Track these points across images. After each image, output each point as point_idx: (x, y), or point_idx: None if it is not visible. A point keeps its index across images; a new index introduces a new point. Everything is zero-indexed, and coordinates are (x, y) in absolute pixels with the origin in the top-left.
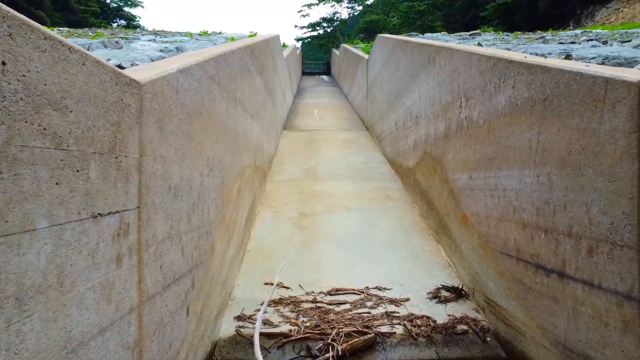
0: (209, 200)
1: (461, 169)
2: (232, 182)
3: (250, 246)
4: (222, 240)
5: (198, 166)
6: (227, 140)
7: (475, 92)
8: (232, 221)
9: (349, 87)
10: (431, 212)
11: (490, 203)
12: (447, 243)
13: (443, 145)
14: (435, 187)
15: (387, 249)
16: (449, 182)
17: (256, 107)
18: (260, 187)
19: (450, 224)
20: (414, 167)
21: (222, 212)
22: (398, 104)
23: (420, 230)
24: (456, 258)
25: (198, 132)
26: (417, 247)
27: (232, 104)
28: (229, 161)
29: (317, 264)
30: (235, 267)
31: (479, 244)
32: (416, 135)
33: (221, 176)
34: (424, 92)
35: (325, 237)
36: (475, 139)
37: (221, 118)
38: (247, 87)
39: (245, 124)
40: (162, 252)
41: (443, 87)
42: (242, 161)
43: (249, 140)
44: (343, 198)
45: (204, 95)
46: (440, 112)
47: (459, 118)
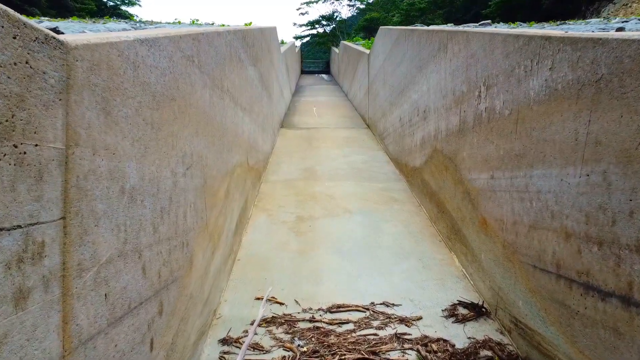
0: (185, 205)
1: (480, 167)
2: (218, 183)
3: (241, 254)
4: (205, 251)
5: (169, 163)
6: (212, 134)
7: (499, 78)
8: (218, 227)
9: (349, 84)
10: (442, 215)
11: (519, 207)
12: (461, 251)
13: (457, 142)
14: (447, 188)
15: (394, 257)
16: (464, 183)
17: (249, 100)
18: (253, 188)
19: (465, 229)
20: (422, 166)
21: (204, 217)
22: (403, 99)
23: (430, 236)
24: (473, 269)
25: (170, 121)
26: (428, 255)
27: (218, 94)
28: (214, 158)
29: (315, 276)
30: (222, 279)
31: (504, 254)
32: (424, 131)
33: (203, 175)
34: (433, 83)
35: (324, 244)
36: (499, 133)
37: (203, 108)
38: (237, 77)
39: (235, 117)
40: (109, 275)
41: (457, 77)
42: (231, 159)
43: (240, 136)
44: (344, 200)
45: (179, 77)
46: (453, 105)
47: (476, 110)
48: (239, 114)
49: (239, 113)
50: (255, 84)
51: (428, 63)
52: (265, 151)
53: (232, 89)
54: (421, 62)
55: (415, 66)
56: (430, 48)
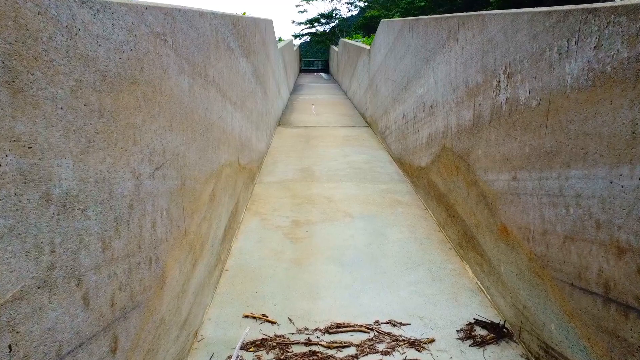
0: (153, 212)
1: (499, 167)
2: (200, 185)
3: (230, 264)
4: (182, 264)
5: (129, 161)
6: (192, 129)
7: (524, 64)
8: (201, 236)
9: (348, 82)
10: (452, 220)
11: (551, 214)
12: (475, 261)
13: (470, 138)
14: (458, 191)
15: (400, 268)
16: (478, 184)
17: (240, 94)
18: (246, 190)
19: (481, 237)
20: (428, 166)
21: (182, 225)
22: (406, 94)
23: (439, 243)
24: (491, 282)
25: (130, 109)
26: (437, 265)
27: (201, 83)
28: (196, 157)
29: (312, 289)
30: (205, 294)
31: (530, 268)
32: (431, 128)
33: (180, 177)
34: (442, 75)
35: (322, 253)
36: (524, 127)
37: (180, 98)
38: (226, 68)
39: (223, 112)
40: (18, 318)
41: (471, 66)
42: (218, 158)
43: (229, 132)
44: (344, 203)
45: (144, 57)
46: (465, 98)
47: (495, 102)
48: (227, 108)
49: (227, 107)
50: (248, 78)
51: (436, 54)
52: (259, 150)
53: (220, 80)
54: (427, 54)
55: (421, 58)
56: (438, 37)
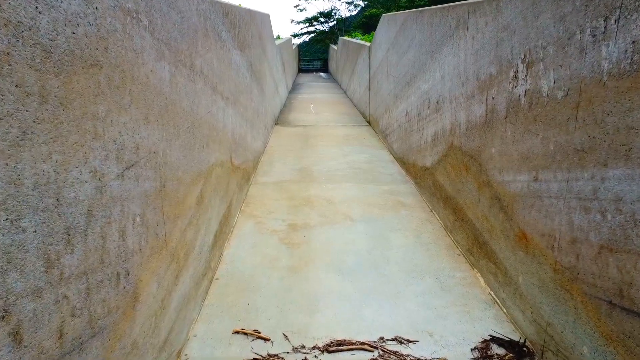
0: (123, 219)
1: (516, 167)
2: (185, 187)
3: (221, 272)
4: (162, 277)
5: (88, 159)
6: (175, 123)
7: (547, 50)
8: (186, 243)
9: (348, 81)
10: (461, 224)
11: (582, 220)
12: (488, 269)
13: (482, 136)
14: (467, 192)
15: (405, 276)
16: (492, 186)
17: (233, 89)
18: (240, 192)
19: (494, 243)
20: (434, 166)
21: (161, 232)
22: (410, 91)
23: (447, 248)
24: (507, 293)
25: (89, 97)
26: (446, 273)
27: (186, 73)
28: (179, 155)
29: (310, 301)
30: (191, 308)
31: (556, 280)
32: (437, 125)
33: (159, 177)
34: (449, 68)
35: (321, 260)
36: (547, 122)
37: (159, 87)
38: (216, 59)
39: (213, 107)
40: None
41: (482, 57)
42: (207, 157)
43: (221, 129)
44: (344, 205)
45: (109, 36)
46: (476, 92)
47: (511, 95)
48: (218, 103)
49: (219, 102)
50: (243, 73)
51: (442, 46)
52: (255, 149)
53: (209, 72)
54: (433, 46)
55: (426, 52)
56: (445, 28)
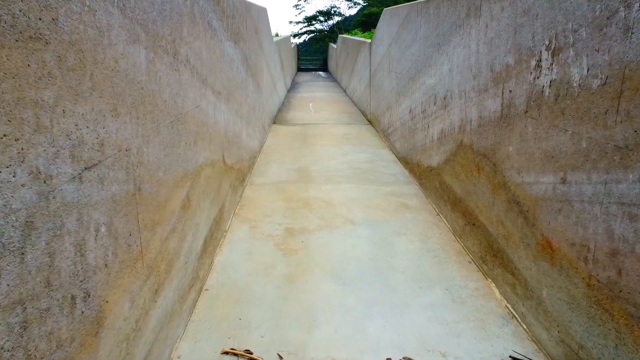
0: (81, 229)
1: (539, 166)
2: (167, 189)
3: (212, 282)
4: (137, 294)
5: (26, 157)
6: (154, 117)
7: (580, 34)
8: (168, 253)
9: (347, 79)
10: (472, 229)
11: (625, 229)
12: (505, 280)
13: (497, 133)
14: (479, 195)
15: (412, 286)
16: (509, 188)
17: (226, 84)
18: (234, 193)
19: (512, 252)
20: (441, 166)
21: (135, 243)
22: (414, 87)
23: (456, 255)
24: (528, 308)
25: (27, 78)
26: (457, 283)
27: (168, 62)
28: (160, 154)
29: (308, 314)
30: (175, 325)
31: (590, 297)
32: (443, 122)
33: (133, 179)
34: (458, 61)
35: (320, 267)
36: (579, 115)
37: (132, 75)
38: (206, 49)
39: (202, 101)
40: None
41: (498, 46)
42: (195, 156)
43: (211, 126)
44: (345, 207)
45: (58, 4)
46: (490, 84)
47: (533, 86)
48: (209, 97)
49: (209, 97)
50: (237, 67)
51: (451, 37)
52: (251, 149)
53: (197, 63)
54: (440, 38)
55: (432, 44)
56: (453, 18)
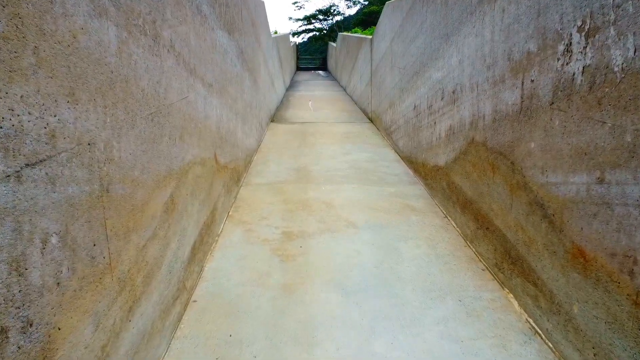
0: (21, 242)
1: (569, 165)
2: (146, 190)
3: (200, 292)
4: (103, 315)
5: None
6: (128, 107)
7: (625, 9)
8: (146, 263)
9: (347, 77)
10: (485, 234)
11: None
12: (525, 291)
13: (515, 128)
14: (494, 196)
15: (422, 297)
16: (530, 189)
17: (219, 76)
18: (227, 194)
19: (534, 260)
20: (449, 165)
21: (101, 254)
22: (418, 82)
23: (468, 261)
24: (554, 324)
25: None
26: (470, 294)
27: (147, 44)
28: (136, 149)
29: (307, 330)
30: (155, 345)
31: (638, 317)
32: (452, 118)
33: (98, 178)
34: (469, 51)
35: (320, 276)
36: (622, 105)
37: (97, 55)
38: (195, 36)
39: (190, 93)
40: None
41: (517, 32)
42: (182, 153)
43: (201, 121)
44: (346, 209)
45: None
46: (507, 75)
47: (560, 74)
48: (198, 89)
49: (198, 89)
50: (232, 60)
51: (461, 26)
52: (247, 147)
53: (184, 50)
54: (448, 28)
55: (439, 36)
56: (464, 4)
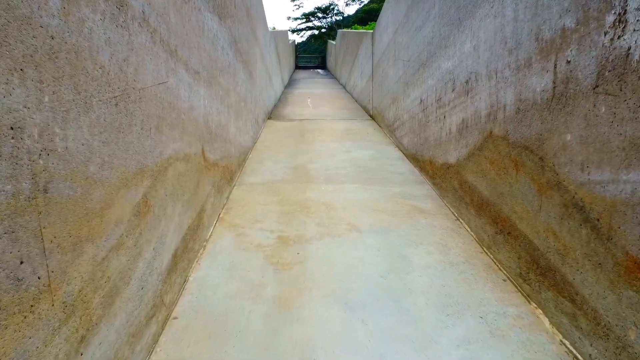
0: None
1: (620, 159)
2: (107, 190)
3: (182, 307)
4: (38, 354)
5: None
6: (78, 84)
7: None
8: (106, 279)
9: (347, 75)
10: (507, 239)
11: None
12: (559, 307)
13: (545, 118)
14: (518, 197)
15: (437, 313)
16: (565, 188)
17: (207, 64)
18: (218, 195)
19: (571, 271)
20: (461, 163)
21: (31, 275)
22: (425, 74)
23: (486, 270)
24: (600, 350)
25: None
26: (493, 309)
27: (108, 12)
28: (92, 139)
29: (305, 354)
30: None
31: None
32: (465, 111)
33: (29, 175)
34: (487, 35)
35: (320, 288)
36: None
37: (26, 13)
38: (175, 13)
39: (170, 77)
40: None
41: (548, 7)
42: (159, 146)
43: (185, 111)
44: (348, 211)
45: None
46: (536, 57)
47: (608, 51)
48: (181, 75)
49: (181, 74)
50: (223, 48)
51: (475, 8)
52: (241, 144)
53: (162, 27)
54: (461, 12)
55: (449, 21)
56: None
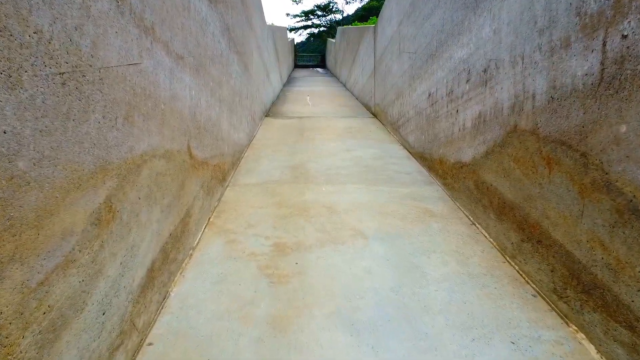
0: None
1: None
2: (48, 194)
3: (160, 330)
4: None
5: None
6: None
7: None
8: (45, 308)
9: (347, 72)
10: (536, 248)
11: None
12: (610, 333)
13: (590, 107)
14: (552, 199)
15: (460, 338)
16: (619, 190)
17: (194, 50)
18: (208, 197)
19: (627, 291)
20: (478, 162)
21: None
22: (435, 65)
23: (512, 284)
24: None
25: None
26: (524, 332)
27: None
28: (21, 127)
29: None
30: None
31: None
32: (483, 103)
33: None
34: (511, 16)
35: (321, 305)
36: None
37: None
38: None
39: (145, 60)
40: None
41: None
42: (128, 140)
43: (165, 101)
44: (351, 215)
45: None
46: (577, 36)
47: None
48: (159, 57)
49: (159, 57)
50: (214, 34)
51: None
52: (235, 142)
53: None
54: None
55: (463, 5)
56: None
